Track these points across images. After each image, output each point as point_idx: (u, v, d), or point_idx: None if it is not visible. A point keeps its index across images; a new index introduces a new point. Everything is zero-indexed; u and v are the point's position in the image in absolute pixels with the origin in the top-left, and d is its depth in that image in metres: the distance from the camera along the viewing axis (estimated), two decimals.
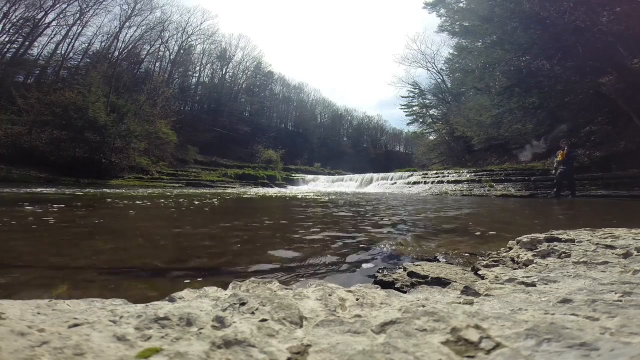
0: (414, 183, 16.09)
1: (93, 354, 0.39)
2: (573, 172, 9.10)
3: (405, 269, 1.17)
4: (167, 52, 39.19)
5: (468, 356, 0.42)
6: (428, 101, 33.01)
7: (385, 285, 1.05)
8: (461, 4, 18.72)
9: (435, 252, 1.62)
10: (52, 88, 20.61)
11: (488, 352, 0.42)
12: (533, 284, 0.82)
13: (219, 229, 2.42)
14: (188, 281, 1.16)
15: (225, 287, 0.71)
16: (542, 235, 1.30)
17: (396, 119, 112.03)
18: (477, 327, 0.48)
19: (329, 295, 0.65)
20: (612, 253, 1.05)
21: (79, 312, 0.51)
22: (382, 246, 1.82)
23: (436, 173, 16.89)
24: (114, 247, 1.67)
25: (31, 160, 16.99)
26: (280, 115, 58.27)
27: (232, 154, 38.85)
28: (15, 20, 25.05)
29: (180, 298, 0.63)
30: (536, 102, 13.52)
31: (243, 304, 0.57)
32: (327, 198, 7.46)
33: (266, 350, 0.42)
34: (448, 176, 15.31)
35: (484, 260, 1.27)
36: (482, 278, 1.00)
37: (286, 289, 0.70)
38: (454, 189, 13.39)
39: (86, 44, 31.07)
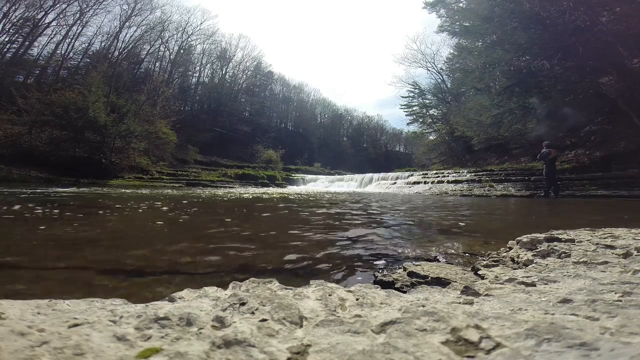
0: (414, 183, 16.09)
1: (93, 354, 0.39)
2: (551, 172, 9.47)
3: (405, 269, 1.17)
4: (167, 52, 39.22)
5: (468, 356, 0.42)
6: (428, 101, 33.00)
7: (385, 285, 1.05)
8: (461, 4, 18.72)
9: (435, 252, 1.62)
10: (52, 88, 20.62)
11: (488, 352, 0.42)
12: (533, 284, 0.82)
13: (217, 228, 2.42)
14: (188, 281, 1.16)
15: (225, 287, 0.71)
16: (542, 235, 1.30)
17: (396, 119, 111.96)
18: (477, 327, 0.48)
19: (329, 295, 0.65)
20: (612, 253, 1.05)
21: (79, 312, 0.51)
22: (382, 246, 1.82)
23: (436, 173, 16.89)
24: (114, 247, 1.67)
25: (31, 160, 17.00)
26: (280, 115, 58.29)
27: (232, 154, 38.85)
28: (15, 20, 25.08)
29: (180, 298, 0.63)
30: (536, 102, 13.52)
31: (243, 304, 0.57)
32: (326, 198, 7.46)
33: (266, 350, 0.42)
34: (448, 176, 15.31)
35: (484, 260, 1.28)
36: (482, 278, 1.00)
37: (286, 289, 0.70)
38: (454, 189, 13.38)
39: (86, 44, 31.15)
